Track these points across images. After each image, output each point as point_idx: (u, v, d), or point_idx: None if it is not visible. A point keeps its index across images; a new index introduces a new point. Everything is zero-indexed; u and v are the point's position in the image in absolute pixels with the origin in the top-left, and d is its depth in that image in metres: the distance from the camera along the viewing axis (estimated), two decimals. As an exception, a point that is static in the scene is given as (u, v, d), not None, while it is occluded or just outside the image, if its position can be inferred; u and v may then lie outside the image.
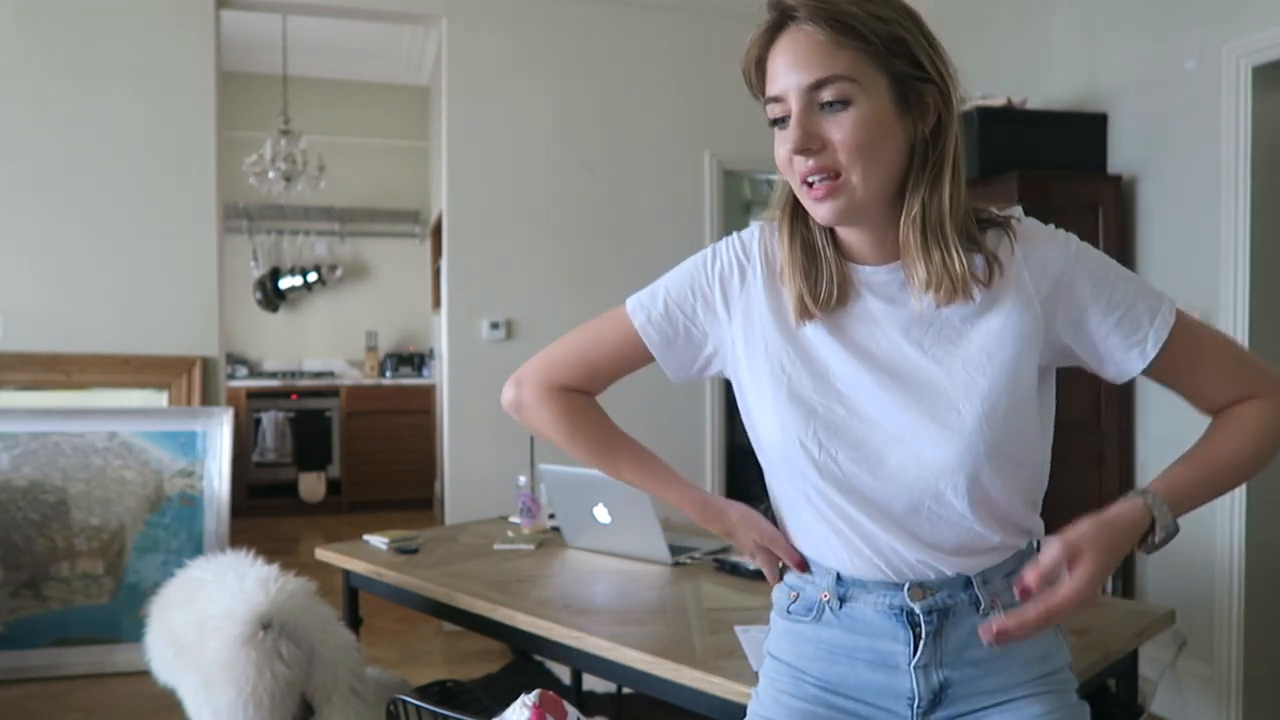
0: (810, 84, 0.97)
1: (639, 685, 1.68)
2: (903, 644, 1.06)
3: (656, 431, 4.23)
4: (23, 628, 3.43)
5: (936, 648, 1.06)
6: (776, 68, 1.00)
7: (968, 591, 1.05)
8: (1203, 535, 2.97)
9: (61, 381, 3.74)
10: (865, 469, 1.04)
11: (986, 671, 1.06)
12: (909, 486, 1.03)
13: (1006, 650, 1.06)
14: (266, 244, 7.12)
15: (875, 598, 1.07)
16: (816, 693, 1.12)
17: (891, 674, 1.07)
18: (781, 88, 0.99)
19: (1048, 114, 3.37)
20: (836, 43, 0.96)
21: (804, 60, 0.97)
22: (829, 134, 0.97)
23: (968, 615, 1.05)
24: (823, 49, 0.96)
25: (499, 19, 4.18)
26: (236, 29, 5.39)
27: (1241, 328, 2.84)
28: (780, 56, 0.99)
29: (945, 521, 1.04)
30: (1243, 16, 2.82)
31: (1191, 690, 3.01)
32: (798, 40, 0.98)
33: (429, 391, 6.80)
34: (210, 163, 3.92)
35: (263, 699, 1.68)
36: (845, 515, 1.06)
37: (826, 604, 1.10)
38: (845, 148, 0.97)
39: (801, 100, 0.98)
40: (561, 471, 2.36)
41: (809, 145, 0.98)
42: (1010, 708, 1.06)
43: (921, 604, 1.05)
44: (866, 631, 1.08)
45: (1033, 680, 1.07)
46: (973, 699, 1.07)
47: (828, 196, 0.99)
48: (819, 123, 0.98)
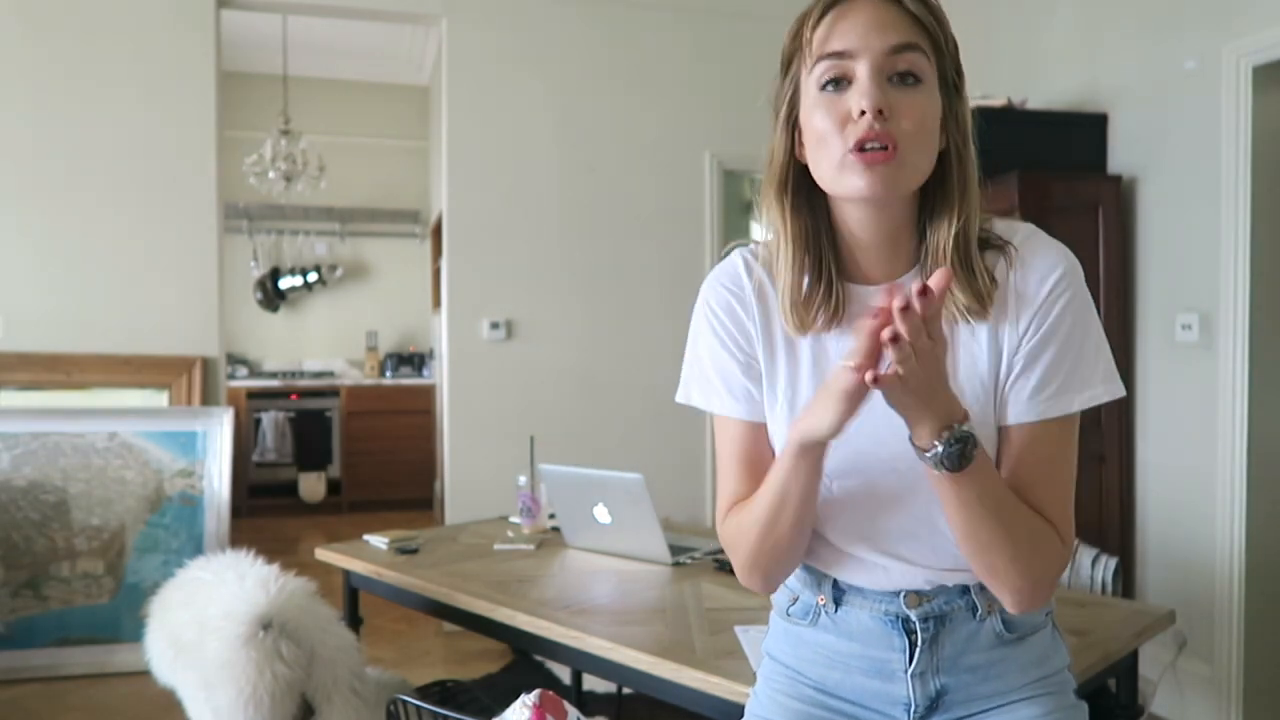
0: (893, 46, 0.94)
1: (639, 685, 1.68)
2: (899, 652, 1.06)
3: (658, 432, 4.24)
4: (23, 628, 3.42)
5: (933, 655, 1.05)
6: (849, 26, 0.96)
7: (965, 598, 1.05)
8: (1203, 535, 2.97)
9: (61, 381, 3.74)
10: (861, 495, 1.04)
11: (983, 677, 1.06)
12: (902, 513, 1.03)
13: (1004, 656, 1.06)
14: (266, 244, 7.12)
15: (871, 604, 1.06)
16: (814, 695, 1.12)
17: (887, 681, 1.07)
18: (853, 44, 0.95)
19: (1048, 114, 3.37)
20: (914, 20, 0.96)
21: (887, 23, 0.95)
22: (898, 105, 0.94)
23: (964, 622, 1.05)
24: (907, 19, 0.96)
25: (499, 19, 4.18)
26: (236, 29, 5.39)
27: (1241, 327, 2.84)
28: (855, 16, 0.96)
29: (939, 550, 1.03)
30: (1243, 17, 2.82)
31: (1191, 690, 3.01)
32: (880, 6, 0.96)
33: (429, 391, 6.80)
34: (210, 163, 3.92)
35: (263, 699, 1.68)
36: (844, 535, 1.06)
37: (823, 608, 1.10)
38: (914, 121, 0.94)
39: (877, 62, 0.94)
40: (561, 471, 2.36)
41: (883, 107, 0.93)
42: (1007, 711, 1.06)
43: (918, 611, 1.05)
44: (862, 638, 1.07)
45: (1030, 684, 1.07)
46: (969, 704, 1.07)
47: (881, 163, 0.94)
48: (889, 91, 0.95)
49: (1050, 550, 0.98)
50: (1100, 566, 2.09)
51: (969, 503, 0.93)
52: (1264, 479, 2.87)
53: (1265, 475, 2.87)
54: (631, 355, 4.26)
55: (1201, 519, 2.98)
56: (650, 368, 4.22)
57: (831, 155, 0.97)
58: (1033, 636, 1.08)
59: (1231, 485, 2.88)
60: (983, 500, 0.93)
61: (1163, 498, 3.15)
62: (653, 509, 2.20)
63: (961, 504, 0.93)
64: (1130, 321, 3.23)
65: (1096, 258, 3.16)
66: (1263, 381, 2.86)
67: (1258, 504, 2.86)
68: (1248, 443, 2.84)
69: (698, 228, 4.38)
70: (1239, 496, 2.85)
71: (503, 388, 4.17)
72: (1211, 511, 2.94)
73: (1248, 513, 2.85)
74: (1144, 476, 3.21)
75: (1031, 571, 0.97)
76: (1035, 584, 0.98)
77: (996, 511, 0.94)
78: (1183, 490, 3.08)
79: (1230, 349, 2.87)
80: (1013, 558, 0.95)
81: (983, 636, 1.05)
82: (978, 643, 1.05)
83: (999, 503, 0.94)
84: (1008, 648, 1.06)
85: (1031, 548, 0.96)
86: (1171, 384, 3.11)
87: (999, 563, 0.96)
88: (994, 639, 1.05)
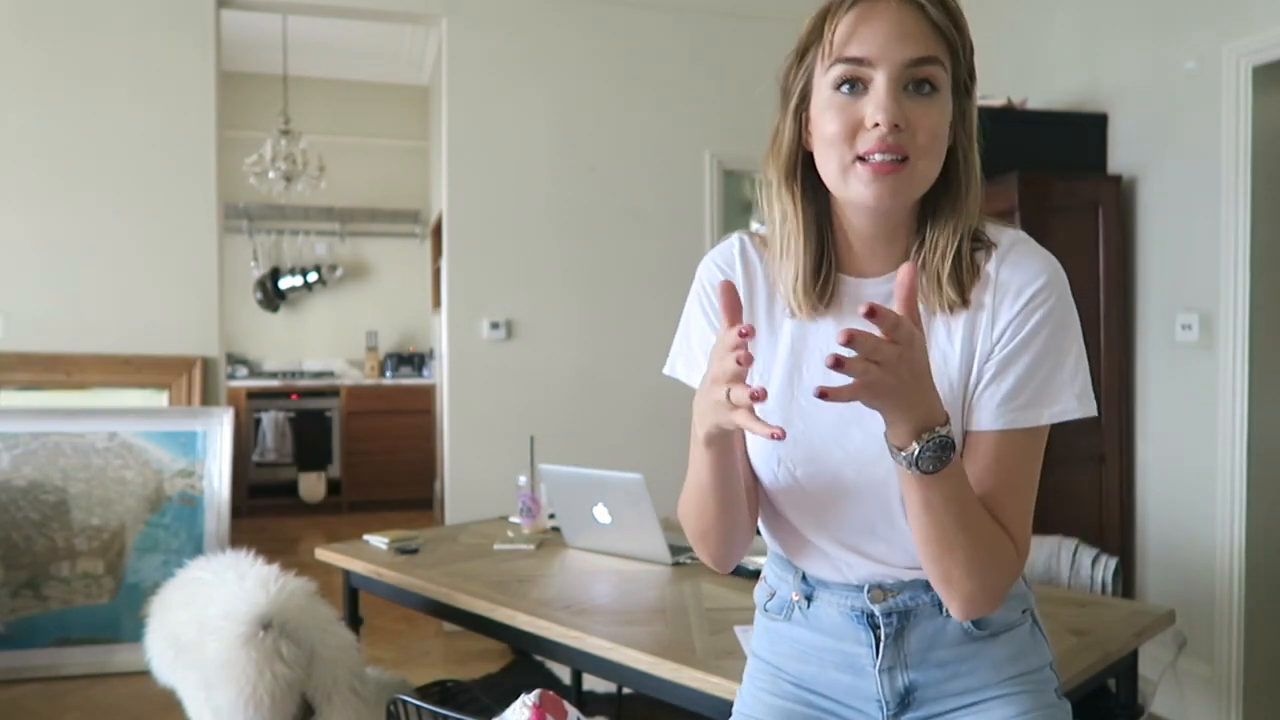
0: (912, 59, 0.94)
1: (639, 685, 1.68)
2: (865, 646, 1.06)
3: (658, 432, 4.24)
4: (23, 628, 3.42)
5: (899, 650, 1.05)
6: (871, 31, 0.95)
7: (929, 594, 1.04)
8: (1203, 535, 2.97)
9: (61, 381, 3.74)
10: (822, 485, 1.03)
11: (954, 674, 1.05)
12: (864, 507, 1.02)
13: (975, 652, 1.05)
14: (266, 244, 7.12)
15: (838, 599, 1.07)
16: (794, 690, 1.12)
17: (858, 676, 1.07)
18: (872, 52, 0.94)
19: (1048, 114, 3.37)
20: (941, 27, 0.95)
21: (910, 33, 0.94)
22: (913, 116, 0.94)
23: (930, 617, 1.04)
24: (927, 30, 0.95)
25: (499, 19, 4.18)
26: (236, 29, 5.38)
27: (1241, 327, 2.84)
28: (878, 21, 0.95)
29: (901, 546, 1.02)
30: (1243, 17, 2.82)
31: (1191, 690, 3.01)
32: (904, 12, 0.95)
33: (429, 391, 6.80)
34: (210, 163, 3.92)
35: (263, 699, 1.68)
36: (806, 523, 1.07)
37: (796, 603, 1.10)
38: (928, 133, 0.95)
39: (896, 73, 0.94)
40: (561, 471, 2.36)
41: (899, 121, 0.93)
42: (980, 709, 1.05)
43: (881, 606, 1.04)
44: (832, 633, 1.08)
45: (1004, 681, 1.06)
46: (942, 700, 1.06)
47: (890, 174, 0.94)
48: (904, 102, 0.94)
49: (1005, 559, 0.97)
50: (1100, 566, 2.09)
51: (934, 505, 0.91)
52: (1264, 479, 2.87)
53: (1265, 475, 2.87)
54: (631, 355, 4.26)
55: (1201, 519, 2.98)
56: (650, 368, 4.19)
57: (840, 159, 0.96)
58: (1007, 634, 1.06)
59: (1231, 485, 2.88)
60: (948, 505, 0.91)
61: (1163, 498, 3.15)
62: (653, 509, 2.20)
63: (927, 506, 0.91)
64: (1130, 321, 3.23)
65: (1096, 258, 3.16)
66: (1263, 381, 2.86)
67: (1258, 504, 2.86)
68: (1248, 443, 2.84)
69: (698, 228, 4.38)
70: (1239, 496, 2.85)
71: (503, 388, 4.17)
72: (1211, 511, 2.95)
73: (1248, 513, 2.85)
74: (1144, 476, 3.21)
75: (985, 579, 0.96)
76: (986, 592, 0.96)
77: (960, 516, 0.92)
78: (1183, 490, 3.08)
79: (1230, 349, 2.87)
80: (968, 564, 0.94)
81: (950, 632, 1.04)
82: (944, 638, 1.04)
83: (964, 508, 0.92)
84: (978, 644, 1.05)
85: (989, 555, 0.95)
86: (1171, 384, 3.11)
87: (954, 568, 0.95)
88: (962, 635, 1.05)
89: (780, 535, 1.11)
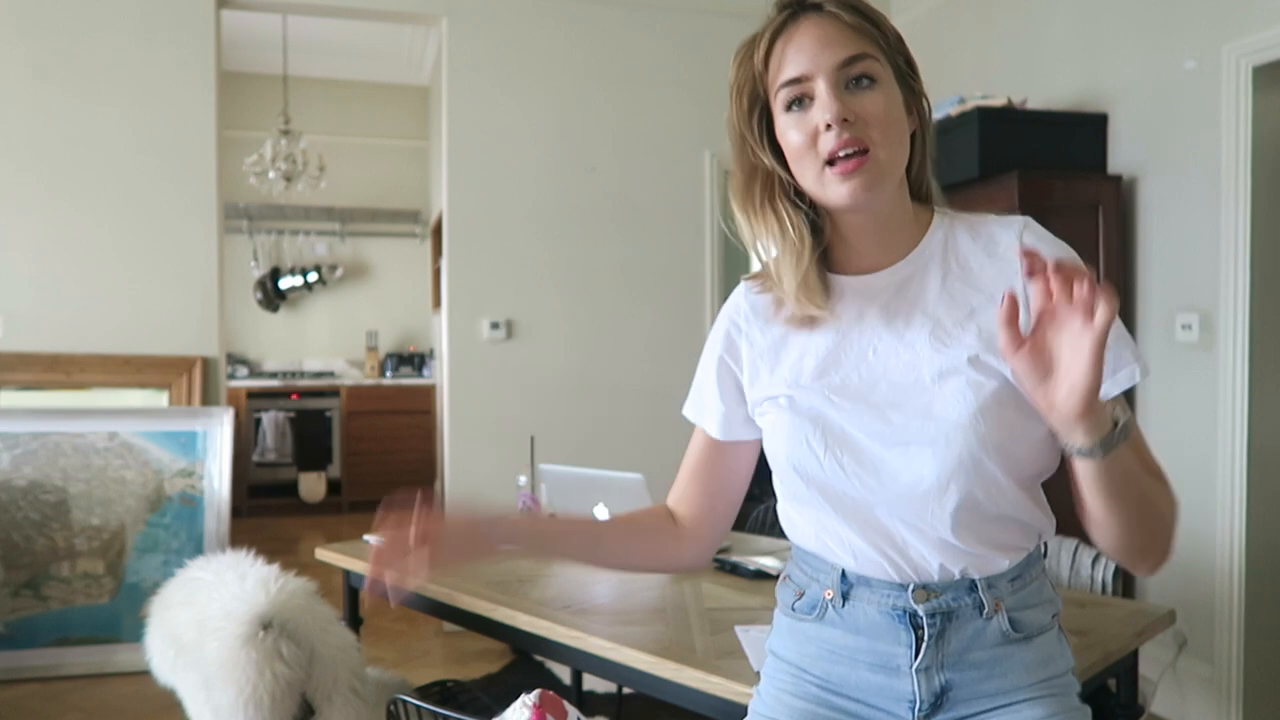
0: (843, 60, 1.01)
1: (639, 685, 1.68)
2: (904, 646, 1.06)
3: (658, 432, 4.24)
4: (23, 628, 3.43)
5: (939, 650, 1.05)
6: (797, 51, 1.03)
7: (972, 595, 1.05)
8: (1203, 535, 2.97)
9: (61, 381, 3.74)
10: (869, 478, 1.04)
11: (988, 674, 1.06)
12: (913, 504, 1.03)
13: (1009, 654, 1.06)
14: (266, 244, 7.12)
15: (879, 597, 1.07)
16: (818, 692, 1.12)
17: (892, 676, 1.07)
18: (806, 68, 1.02)
19: (1048, 114, 3.37)
20: (858, 28, 1.02)
21: (833, 40, 1.02)
22: (859, 109, 1.01)
23: (971, 619, 1.05)
24: (848, 32, 1.03)
25: (499, 19, 4.18)
26: (236, 29, 5.38)
27: (1241, 327, 2.84)
28: (802, 39, 1.03)
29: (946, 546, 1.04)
30: (1243, 16, 2.82)
31: (1191, 690, 3.01)
32: (822, 24, 1.03)
33: (429, 391, 6.80)
34: (210, 163, 3.92)
35: (263, 699, 1.68)
36: (851, 523, 1.07)
37: (830, 602, 1.10)
38: (877, 121, 1.01)
39: (832, 77, 1.01)
40: (561, 471, 2.36)
41: (846, 115, 1.00)
42: (1011, 711, 1.06)
43: (925, 606, 1.05)
44: (869, 632, 1.07)
45: (1034, 684, 1.07)
46: (974, 702, 1.06)
47: (857, 170, 1.00)
48: (847, 99, 1.01)
49: (1173, 500, 1.05)
50: (1100, 566, 2.09)
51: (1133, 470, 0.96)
52: (1264, 479, 2.87)
53: (1265, 475, 2.87)
54: (632, 355, 4.26)
55: (1202, 519, 2.98)
56: (650, 367, 4.22)
57: (813, 169, 1.03)
58: (1039, 637, 1.08)
59: (1231, 485, 2.88)
60: (1135, 466, 0.96)
61: (1163, 498, 3.15)
62: (653, 509, 2.20)
63: (1128, 476, 0.95)
64: (1130, 321, 3.22)
65: (1096, 258, 3.16)
66: (1263, 381, 2.86)
67: (1258, 504, 2.86)
68: (1248, 442, 2.84)
69: (698, 228, 4.38)
70: (1239, 496, 2.85)
71: (503, 388, 4.17)
72: (1211, 511, 2.94)
73: (1248, 513, 2.85)
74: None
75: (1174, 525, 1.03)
76: (1171, 539, 1.04)
77: (1143, 476, 0.99)
78: (1183, 490, 3.03)
79: (1230, 349, 2.87)
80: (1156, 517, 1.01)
81: (989, 634, 1.05)
82: (984, 640, 1.05)
83: (1142, 466, 0.99)
84: (1013, 646, 1.06)
85: (1171, 501, 1.04)
86: (1171, 384, 3.11)
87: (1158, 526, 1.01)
88: (1000, 637, 1.06)
89: (826, 538, 1.10)
